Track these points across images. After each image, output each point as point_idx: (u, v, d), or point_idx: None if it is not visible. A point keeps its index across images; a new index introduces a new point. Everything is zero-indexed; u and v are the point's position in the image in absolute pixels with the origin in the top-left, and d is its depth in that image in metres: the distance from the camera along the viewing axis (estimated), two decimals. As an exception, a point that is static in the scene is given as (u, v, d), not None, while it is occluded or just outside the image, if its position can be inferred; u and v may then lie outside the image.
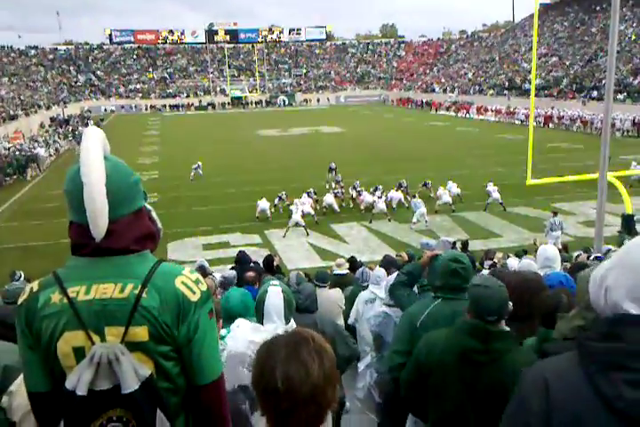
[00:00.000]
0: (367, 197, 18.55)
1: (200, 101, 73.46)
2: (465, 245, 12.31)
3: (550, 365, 1.37)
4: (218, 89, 77.20)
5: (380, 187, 19.37)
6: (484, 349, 2.37)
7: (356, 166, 22.86)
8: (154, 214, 1.77)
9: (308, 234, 16.69)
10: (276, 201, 19.11)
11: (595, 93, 42.00)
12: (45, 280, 1.64)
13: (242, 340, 2.49)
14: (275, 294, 2.78)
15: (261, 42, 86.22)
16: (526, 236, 15.81)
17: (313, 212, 17.81)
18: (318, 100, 76.33)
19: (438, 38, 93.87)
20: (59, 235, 14.18)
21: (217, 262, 13.09)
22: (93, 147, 1.59)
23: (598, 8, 59.05)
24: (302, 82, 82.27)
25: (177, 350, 1.62)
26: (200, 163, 25.30)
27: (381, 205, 17.83)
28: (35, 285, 1.64)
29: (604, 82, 40.80)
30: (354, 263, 10.11)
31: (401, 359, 2.96)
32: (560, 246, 14.36)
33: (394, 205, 18.74)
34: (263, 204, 18.03)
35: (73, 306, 1.55)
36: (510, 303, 2.48)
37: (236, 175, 25.41)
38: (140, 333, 1.55)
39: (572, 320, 2.46)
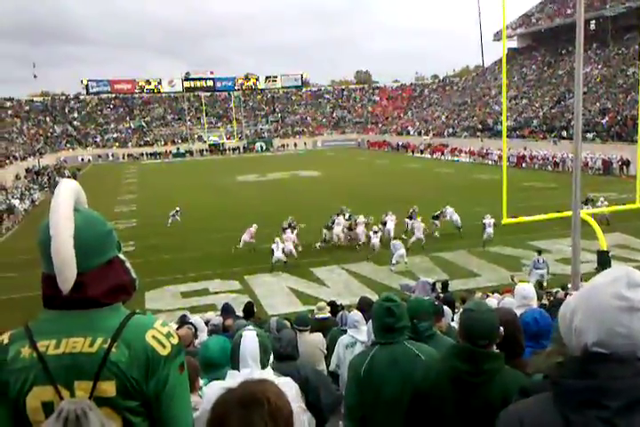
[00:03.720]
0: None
1: (178, 149, 73.94)
2: (445, 285, 12.34)
3: (526, 405, 1.37)
4: (195, 136, 77.92)
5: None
6: (476, 370, 2.41)
7: (334, 210, 23.03)
8: (128, 265, 1.74)
9: (285, 263, 17.24)
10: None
11: (564, 133, 43.23)
12: (16, 333, 1.62)
13: (217, 387, 2.44)
14: (249, 338, 2.75)
15: (238, 90, 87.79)
16: (504, 275, 15.89)
17: (294, 250, 17.73)
18: (295, 145, 77.32)
19: (411, 83, 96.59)
20: (33, 287, 13.85)
21: (196, 310, 12.89)
22: (63, 199, 1.59)
23: (564, 51, 61.51)
24: (279, 127, 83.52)
25: (145, 404, 1.58)
26: (178, 208, 25.27)
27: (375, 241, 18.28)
28: (5, 337, 1.62)
29: (573, 122, 42.19)
30: (334, 307, 10.03)
31: (358, 413, 3.03)
32: (545, 284, 14.49)
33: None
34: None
35: (42, 360, 1.52)
36: (501, 328, 2.52)
37: (214, 221, 25.36)
38: (108, 388, 1.52)
39: (550, 357, 2.47)
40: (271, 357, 2.89)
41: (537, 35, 70.72)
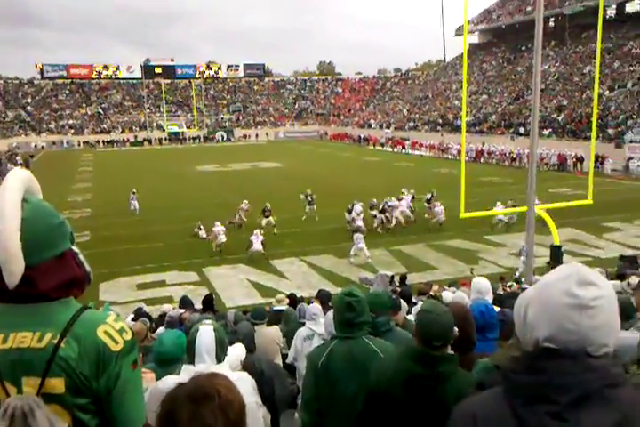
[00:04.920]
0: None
1: (136, 137, 72.56)
2: (403, 278, 12.49)
3: (479, 400, 1.39)
4: (154, 124, 76.55)
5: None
6: (430, 373, 2.43)
7: (295, 201, 23.04)
8: (81, 257, 1.69)
9: (267, 260, 17.17)
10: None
11: (522, 129, 44.15)
12: None
13: (171, 381, 2.41)
14: (206, 332, 2.72)
15: (199, 78, 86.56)
16: (461, 268, 16.18)
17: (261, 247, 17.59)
18: (257, 136, 76.84)
19: (374, 76, 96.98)
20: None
21: (152, 302, 12.72)
22: (10, 189, 1.53)
23: (524, 48, 62.67)
24: (241, 117, 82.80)
25: (96, 402, 1.55)
26: (135, 190, 24.88)
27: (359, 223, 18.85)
28: None
29: (530, 118, 42.74)
30: (294, 299, 10.04)
31: (314, 406, 3.05)
32: (519, 271, 14.85)
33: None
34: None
35: None
36: (456, 329, 2.55)
37: (173, 211, 25.00)
38: (57, 384, 1.48)
39: (510, 350, 2.51)
40: (229, 350, 2.87)
41: (498, 31, 71.87)
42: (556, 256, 15.16)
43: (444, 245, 18.71)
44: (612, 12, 56.42)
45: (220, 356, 2.71)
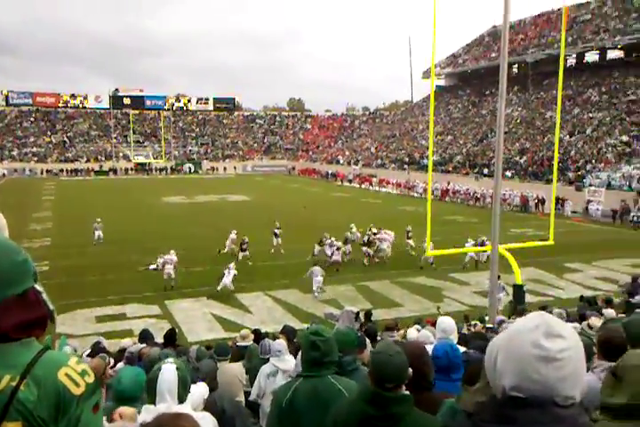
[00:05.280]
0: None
1: (101, 167, 71.77)
2: (368, 315, 12.41)
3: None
4: (121, 154, 75.98)
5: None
6: (383, 414, 2.41)
7: (263, 234, 22.98)
8: (44, 296, 1.62)
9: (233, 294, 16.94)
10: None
11: (486, 170, 45.23)
12: None
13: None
14: (168, 372, 2.64)
15: (168, 109, 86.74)
16: (426, 305, 16.22)
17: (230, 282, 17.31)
18: (225, 169, 76.85)
19: (343, 113, 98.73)
20: None
21: (112, 336, 12.34)
22: None
23: (488, 92, 64.85)
24: (209, 150, 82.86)
25: None
26: (99, 220, 24.57)
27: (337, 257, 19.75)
28: None
29: (494, 160, 44.24)
30: (258, 335, 9.87)
31: None
32: (501, 308, 14.92)
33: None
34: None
35: None
36: (410, 369, 2.55)
37: (136, 243, 24.57)
38: None
39: (475, 395, 2.48)
40: (192, 388, 2.78)
41: (463, 75, 74.35)
42: (519, 295, 15.38)
43: (410, 282, 18.77)
44: (572, 61, 59.00)
45: (183, 395, 2.63)
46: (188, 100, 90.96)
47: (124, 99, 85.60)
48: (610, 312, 8.00)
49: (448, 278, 19.26)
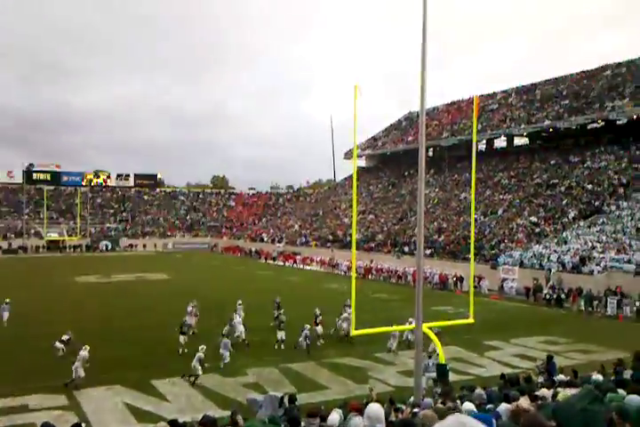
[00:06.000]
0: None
1: (10, 244, 68.10)
2: (292, 399, 11.94)
3: None
4: (32, 231, 72.62)
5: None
6: None
7: (179, 315, 22.13)
8: None
9: (193, 384, 15.92)
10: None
11: (406, 248, 46.41)
12: None
13: None
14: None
15: (86, 185, 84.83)
16: (352, 387, 15.86)
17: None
18: (145, 246, 74.83)
19: (267, 191, 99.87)
20: None
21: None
22: None
23: (406, 173, 67.89)
24: (128, 227, 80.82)
25: None
26: (8, 300, 22.98)
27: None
28: None
29: (414, 238, 45.89)
30: None
31: None
32: (426, 386, 14.67)
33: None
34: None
35: None
36: None
37: (42, 327, 22.87)
38: None
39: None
40: None
41: (383, 157, 77.82)
42: (442, 375, 15.34)
43: (335, 363, 18.39)
44: (482, 146, 63.25)
45: None
46: (108, 176, 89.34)
47: (40, 174, 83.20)
48: (546, 393, 8.13)
49: (373, 358, 19.06)
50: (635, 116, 48.46)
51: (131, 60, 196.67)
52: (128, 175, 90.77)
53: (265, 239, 70.83)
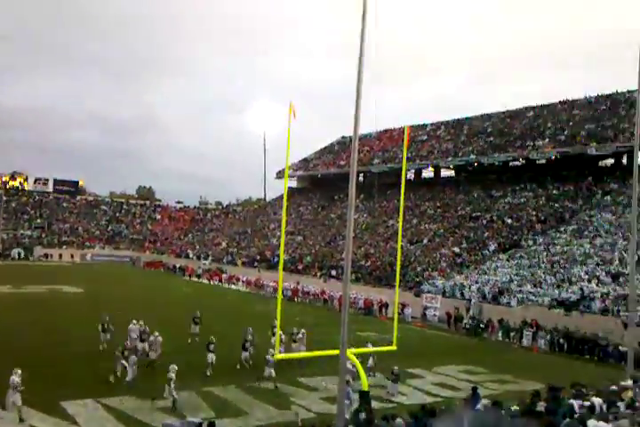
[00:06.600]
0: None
1: None
2: (211, 425, 11.52)
3: None
4: None
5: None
6: None
7: (92, 331, 21.15)
8: None
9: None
10: None
11: (333, 272, 46.54)
12: None
13: None
14: None
15: (1, 188, 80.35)
16: (272, 413, 15.52)
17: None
18: (61, 256, 71.45)
19: (195, 206, 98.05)
20: None
21: None
22: None
23: (336, 197, 68.47)
24: (44, 235, 77.01)
25: None
26: None
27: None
28: None
29: (341, 262, 46.01)
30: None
31: None
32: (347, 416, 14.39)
33: None
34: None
35: None
36: None
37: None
38: None
39: None
40: None
41: (314, 178, 78.28)
42: (365, 402, 15.27)
43: (256, 388, 17.97)
44: (411, 175, 64.90)
45: None
46: (25, 180, 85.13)
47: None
48: None
49: (296, 383, 18.77)
50: (553, 157, 51.33)
51: (60, 58, 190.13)
52: (47, 180, 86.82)
53: (190, 256, 69.26)
